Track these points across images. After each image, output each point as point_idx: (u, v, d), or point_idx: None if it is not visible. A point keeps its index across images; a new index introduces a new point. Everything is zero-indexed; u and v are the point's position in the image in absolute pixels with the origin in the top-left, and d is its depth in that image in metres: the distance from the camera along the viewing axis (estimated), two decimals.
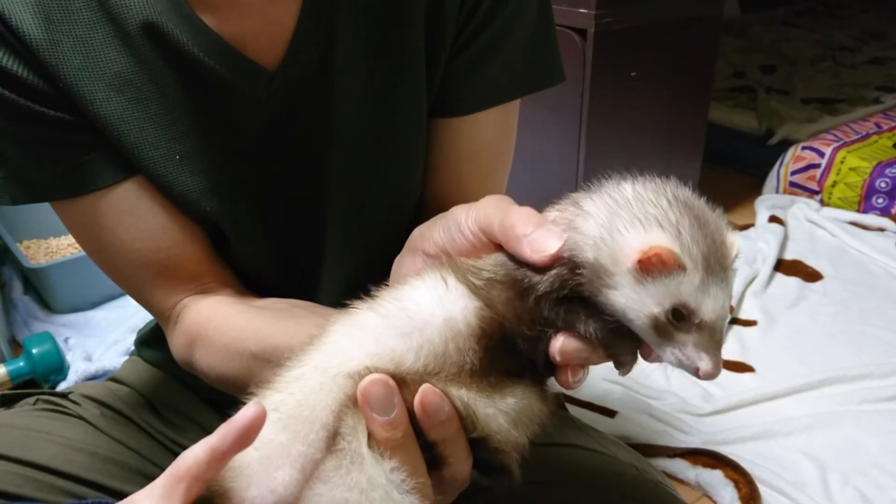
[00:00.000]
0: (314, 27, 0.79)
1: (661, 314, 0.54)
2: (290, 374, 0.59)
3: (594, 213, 0.57)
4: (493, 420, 0.59)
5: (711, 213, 0.58)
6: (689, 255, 0.54)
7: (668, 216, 0.55)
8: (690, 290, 0.54)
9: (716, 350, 0.55)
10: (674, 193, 0.58)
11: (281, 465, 0.55)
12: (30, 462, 0.81)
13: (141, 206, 0.82)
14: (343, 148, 0.85)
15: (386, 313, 0.59)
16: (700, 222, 0.56)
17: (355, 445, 0.54)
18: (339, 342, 0.59)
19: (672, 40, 2.26)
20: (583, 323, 0.57)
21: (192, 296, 0.85)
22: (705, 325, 0.54)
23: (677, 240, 0.54)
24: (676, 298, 0.54)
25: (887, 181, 2.48)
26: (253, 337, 0.77)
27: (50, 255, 2.19)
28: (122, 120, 0.77)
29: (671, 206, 0.56)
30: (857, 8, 4.90)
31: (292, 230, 0.89)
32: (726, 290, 0.55)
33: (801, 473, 1.48)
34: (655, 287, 0.54)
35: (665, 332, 0.55)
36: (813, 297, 2.11)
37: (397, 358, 0.57)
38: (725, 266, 0.55)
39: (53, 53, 0.74)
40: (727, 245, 0.56)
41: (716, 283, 0.54)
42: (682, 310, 0.54)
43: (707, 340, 0.54)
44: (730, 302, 0.57)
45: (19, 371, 1.75)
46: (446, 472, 0.60)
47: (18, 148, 0.78)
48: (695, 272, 0.54)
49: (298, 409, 0.57)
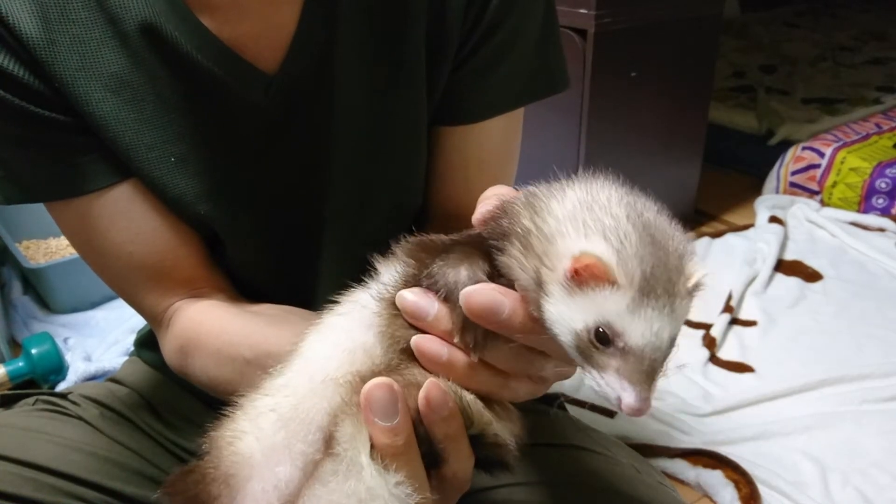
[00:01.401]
0: (314, 32, 0.79)
1: (584, 332, 0.50)
2: (277, 381, 0.60)
3: (553, 211, 0.54)
4: (485, 413, 0.60)
5: (677, 242, 0.53)
6: (624, 271, 0.49)
7: (619, 229, 0.51)
8: (618, 310, 0.49)
9: (643, 382, 0.49)
10: (640, 212, 0.53)
11: (282, 460, 0.56)
12: (29, 462, 0.81)
13: (135, 209, 0.81)
14: (341, 153, 0.85)
15: (346, 311, 0.62)
16: (655, 243, 0.51)
17: (352, 454, 0.54)
18: (315, 346, 0.61)
19: (672, 40, 2.26)
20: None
21: (185, 299, 0.85)
22: (631, 352, 0.49)
23: (616, 253, 0.50)
24: (601, 316, 0.49)
25: (887, 181, 2.48)
26: (247, 342, 0.77)
27: (49, 256, 2.18)
28: (117, 121, 0.77)
29: (628, 220, 0.52)
30: (857, 8, 4.89)
31: (289, 235, 0.89)
32: (668, 319, 0.50)
33: (801, 473, 1.48)
34: (584, 301, 0.50)
35: (587, 354, 0.51)
36: (813, 298, 2.11)
37: (369, 349, 0.59)
38: (673, 293, 0.50)
39: (50, 53, 0.73)
40: (682, 273, 0.51)
41: (654, 309, 0.49)
42: (606, 330, 0.49)
43: (631, 369, 0.49)
44: (673, 334, 0.50)
45: (19, 371, 1.75)
46: (447, 469, 0.60)
47: (13, 148, 0.77)
48: (628, 290, 0.49)
49: (295, 412, 0.57)
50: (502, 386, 0.59)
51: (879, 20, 4.57)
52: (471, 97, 0.88)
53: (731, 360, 1.85)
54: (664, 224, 0.54)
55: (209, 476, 0.57)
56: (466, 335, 0.56)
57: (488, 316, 0.54)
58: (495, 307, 0.53)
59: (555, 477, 0.88)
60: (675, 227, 0.55)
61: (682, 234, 0.55)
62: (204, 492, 0.56)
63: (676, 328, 0.51)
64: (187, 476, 0.58)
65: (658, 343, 0.50)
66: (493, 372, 0.58)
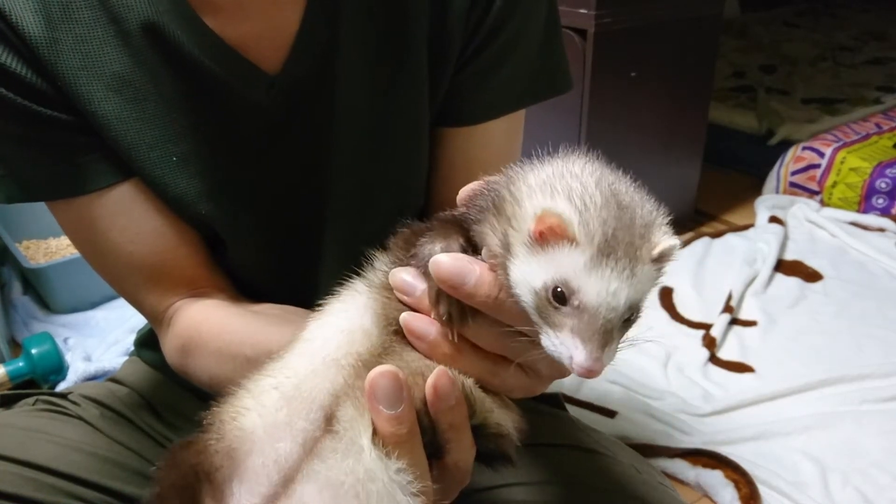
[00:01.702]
0: (316, 32, 0.79)
1: (542, 290, 0.51)
2: (280, 362, 0.62)
3: (528, 180, 0.56)
4: (486, 400, 0.61)
5: (647, 211, 0.54)
6: (585, 230, 0.50)
7: (586, 193, 0.52)
8: (575, 267, 0.50)
9: (595, 342, 0.50)
10: (612, 182, 0.54)
11: (284, 436, 0.57)
12: (29, 462, 0.81)
13: (136, 208, 0.81)
14: (343, 153, 0.85)
15: (344, 298, 0.64)
16: (621, 208, 0.52)
17: (352, 434, 0.55)
18: (315, 330, 0.63)
19: (672, 40, 2.26)
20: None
21: (186, 299, 0.85)
22: (585, 311, 0.50)
23: (578, 213, 0.51)
24: (559, 274, 0.50)
25: (887, 181, 2.48)
26: (248, 342, 0.77)
27: (49, 256, 2.18)
28: (119, 120, 0.77)
29: (597, 186, 0.53)
30: (857, 8, 4.90)
31: (290, 235, 0.89)
32: (627, 282, 0.50)
33: (801, 473, 1.48)
34: (545, 259, 0.51)
35: (545, 314, 0.51)
36: (813, 298, 2.11)
37: (367, 330, 0.61)
38: (635, 258, 0.51)
39: (53, 52, 0.73)
40: (648, 241, 0.52)
41: (612, 270, 0.50)
42: (563, 288, 0.50)
43: (584, 328, 0.50)
44: (632, 299, 0.50)
45: (19, 371, 1.75)
46: (449, 460, 0.60)
47: (15, 147, 0.78)
48: (587, 249, 0.50)
49: (297, 390, 0.59)
50: (492, 373, 0.60)
51: (879, 20, 4.58)
52: (473, 98, 0.88)
53: (731, 360, 1.85)
54: (635, 195, 0.55)
55: (211, 448, 0.58)
56: (440, 306, 0.57)
57: (456, 283, 0.55)
58: (462, 273, 0.55)
59: (555, 477, 0.88)
60: (647, 201, 0.56)
61: (655, 207, 0.56)
62: (206, 462, 0.57)
63: (636, 293, 0.51)
64: (189, 447, 0.59)
65: (614, 303, 0.50)
66: (481, 355, 0.59)
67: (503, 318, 0.56)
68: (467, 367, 0.60)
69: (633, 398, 1.71)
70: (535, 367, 0.60)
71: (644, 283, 0.52)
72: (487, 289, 0.55)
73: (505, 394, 0.63)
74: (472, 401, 0.59)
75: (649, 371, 1.80)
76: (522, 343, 0.56)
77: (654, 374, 1.79)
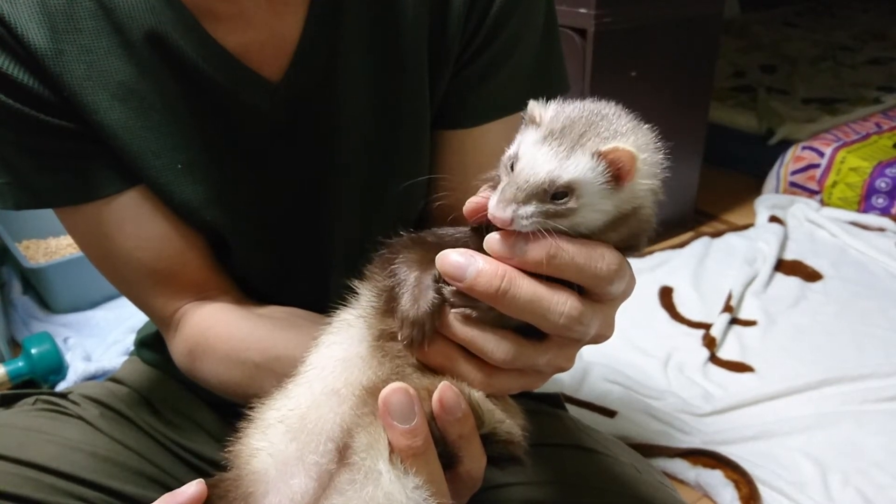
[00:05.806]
0: (318, 40, 0.79)
1: (507, 160, 0.57)
2: (282, 394, 0.63)
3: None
4: (496, 411, 0.61)
5: (621, 122, 0.59)
6: (549, 116, 0.57)
7: (571, 103, 0.59)
8: (528, 141, 0.56)
9: (508, 197, 0.54)
10: (602, 105, 0.61)
11: (296, 472, 0.58)
12: (29, 462, 0.81)
13: (143, 214, 0.82)
14: (346, 157, 0.85)
15: (336, 329, 0.65)
16: (596, 115, 0.58)
17: (370, 462, 0.55)
18: (313, 360, 0.64)
19: (672, 40, 2.26)
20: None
21: (193, 303, 0.85)
22: (512, 173, 0.56)
23: (554, 109, 0.58)
24: (517, 147, 0.57)
25: (887, 181, 2.48)
26: (256, 346, 0.78)
27: (49, 255, 2.19)
28: (125, 129, 0.77)
29: (584, 103, 0.60)
30: (857, 8, 4.90)
31: (294, 240, 0.89)
32: (556, 157, 0.55)
33: (801, 473, 1.48)
34: (518, 138, 0.59)
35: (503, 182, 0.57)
36: (813, 297, 2.11)
37: (364, 358, 0.61)
38: (577, 144, 0.55)
39: (58, 62, 0.74)
40: (603, 139, 0.56)
41: (550, 147, 0.55)
42: (514, 158, 0.56)
43: (505, 185, 0.55)
44: (555, 175, 0.55)
45: (18, 371, 1.75)
46: (461, 469, 0.61)
47: (23, 155, 0.78)
48: (542, 129, 0.57)
49: (302, 422, 0.59)
50: (489, 377, 0.61)
51: (879, 20, 4.58)
52: (470, 101, 0.89)
53: (731, 360, 1.86)
54: (620, 114, 0.60)
55: (230, 495, 0.59)
56: (404, 329, 0.60)
57: (458, 275, 0.57)
58: (464, 266, 0.57)
59: (555, 477, 0.89)
60: (642, 130, 0.61)
61: (636, 123, 0.61)
62: None
63: (562, 172, 0.54)
64: (212, 489, 0.60)
65: (533, 170, 0.54)
66: (475, 363, 0.61)
67: (504, 309, 0.57)
68: (464, 376, 0.61)
69: (633, 398, 1.71)
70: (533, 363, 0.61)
71: (578, 170, 0.55)
72: (488, 279, 0.56)
73: (505, 393, 0.64)
74: (481, 412, 0.60)
75: (649, 371, 1.80)
76: (520, 346, 0.58)
77: (654, 374, 1.80)
